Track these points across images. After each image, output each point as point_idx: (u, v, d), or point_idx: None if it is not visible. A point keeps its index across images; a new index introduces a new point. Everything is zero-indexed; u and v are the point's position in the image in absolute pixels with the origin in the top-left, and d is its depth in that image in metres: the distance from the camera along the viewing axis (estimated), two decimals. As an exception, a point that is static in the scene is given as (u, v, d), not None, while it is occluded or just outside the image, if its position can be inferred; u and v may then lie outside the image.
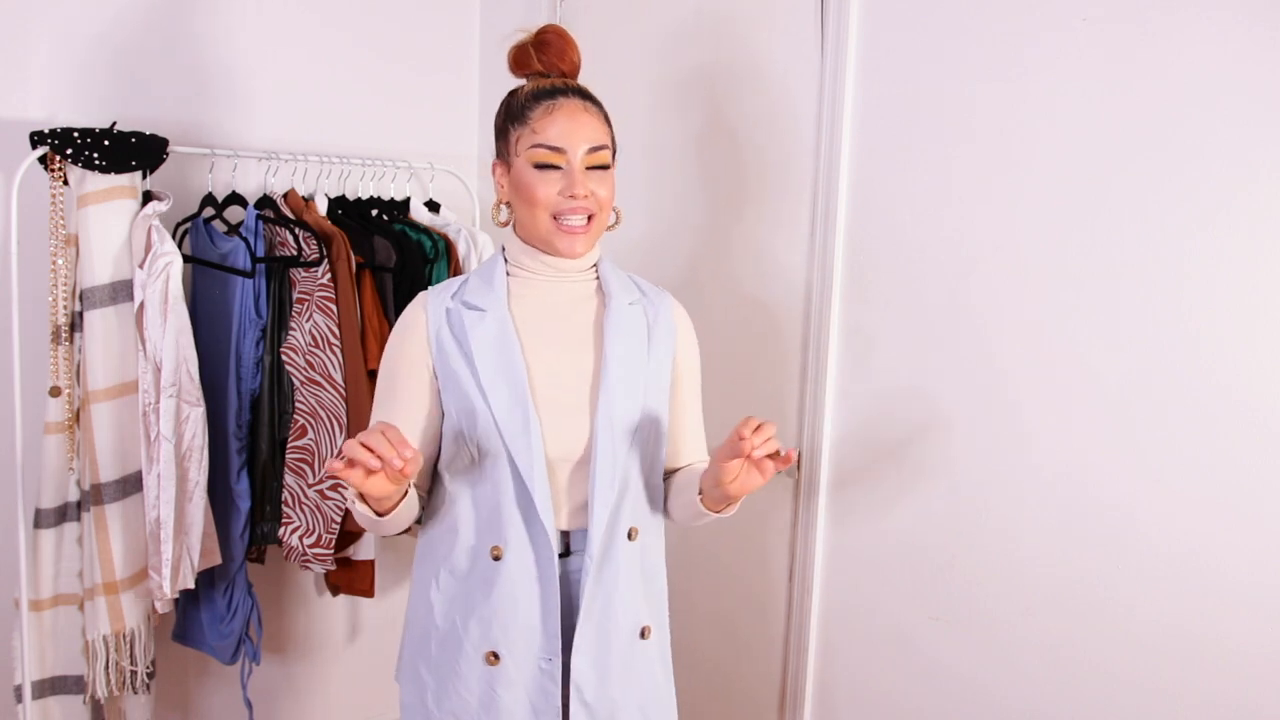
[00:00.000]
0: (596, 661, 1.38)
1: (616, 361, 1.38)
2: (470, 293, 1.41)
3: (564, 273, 1.42)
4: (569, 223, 1.35)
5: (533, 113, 1.36)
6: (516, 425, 1.33)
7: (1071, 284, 1.57)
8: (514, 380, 1.35)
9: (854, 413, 1.88)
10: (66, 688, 2.01)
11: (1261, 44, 1.37)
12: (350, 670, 2.66)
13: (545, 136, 1.34)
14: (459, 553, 1.40)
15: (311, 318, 2.11)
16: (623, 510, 1.39)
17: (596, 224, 1.38)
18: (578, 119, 1.35)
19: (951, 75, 1.70)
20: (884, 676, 1.87)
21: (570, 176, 1.34)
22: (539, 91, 1.37)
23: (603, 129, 1.38)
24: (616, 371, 1.37)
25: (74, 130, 1.84)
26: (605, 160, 1.37)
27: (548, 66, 1.41)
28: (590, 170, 1.35)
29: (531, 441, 1.33)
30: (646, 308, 1.45)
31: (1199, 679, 1.48)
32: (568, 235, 1.36)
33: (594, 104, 1.39)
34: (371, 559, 2.30)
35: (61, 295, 1.91)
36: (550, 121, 1.34)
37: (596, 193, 1.35)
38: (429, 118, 2.60)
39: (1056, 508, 1.61)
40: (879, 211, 1.82)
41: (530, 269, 1.42)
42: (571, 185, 1.33)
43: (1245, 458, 1.42)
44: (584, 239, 1.37)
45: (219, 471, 2.07)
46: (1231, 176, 1.41)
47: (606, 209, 1.38)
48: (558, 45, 1.41)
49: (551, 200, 1.34)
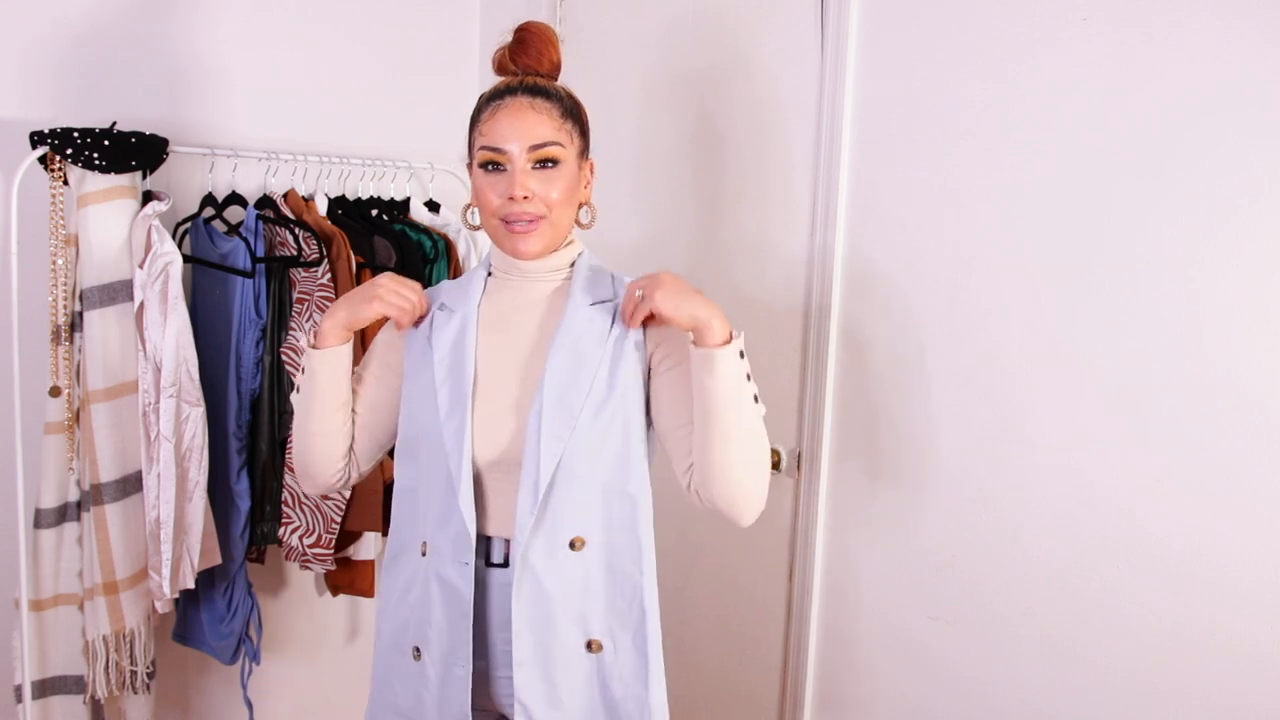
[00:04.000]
0: (544, 676, 1.33)
1: (556, 369, 1.33)
2: (446, 294, 1.44)
3: (532, 273, 1.41)
4: (515, 224, 1.33)
5: (483, 114, 1.35)
6: (452, 425, 1.34)
7: (1072, 283, 1.57)
8: (459, 380, 1.35)
9: (854, 413, 1.88)
10: (66, 688, 2.01)
11: (1268, 45, 1.37)
12: (350, 670, 2.66)
13: (489, 137, 1.33)
14: (399, 542, 1.43)
15: (311, 318, 2.11)
16: (562, 519, 1.33)
17: (548, 223, 1.34)
18: (521, 117, 1.32)
19: (952, 75, 1.70)
20: (884, 676, 1.87)
21: (511, 177, 1.32)
22: (492, 93, 1.36)
23: (552, 125, 1.33)
24: (556, 377, 1.33)
25: (74, 130, 1.84)
26: (552, 155, 1.32)
27: (524, 68, 1.38)
28: (537, 169, 1.32)
29: (462, 443, 1.33)
30: (617, 307, 1.39)
31: (1200, 677, 1.48)
32: (515, 235, 1.34)
33: (549, 99, 1.35)
34: (371, 559, 2.30)
35: (61, 295, 1.91)
36: (494, 122, 1.33)
37: (540, 192, 1.32)
38: (429, 118, 2.60)
39: (1057, 507, 1.61)
40: (879, 211, 1.82)
41: (504, 269, 1.42)
42: (510, 186, 1.32)
43: (1247, 457, 1.42)
44: (534, 238, 1.34)
45: (219, 471, 2.07)
46: (1233, 176, 1.41)
47: (557, 207, 1.34)
48: (535, 46, 1.38)
49: (496, 203, 1.33)
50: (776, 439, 2.00)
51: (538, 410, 1.32)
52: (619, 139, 2.27)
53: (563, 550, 1.34)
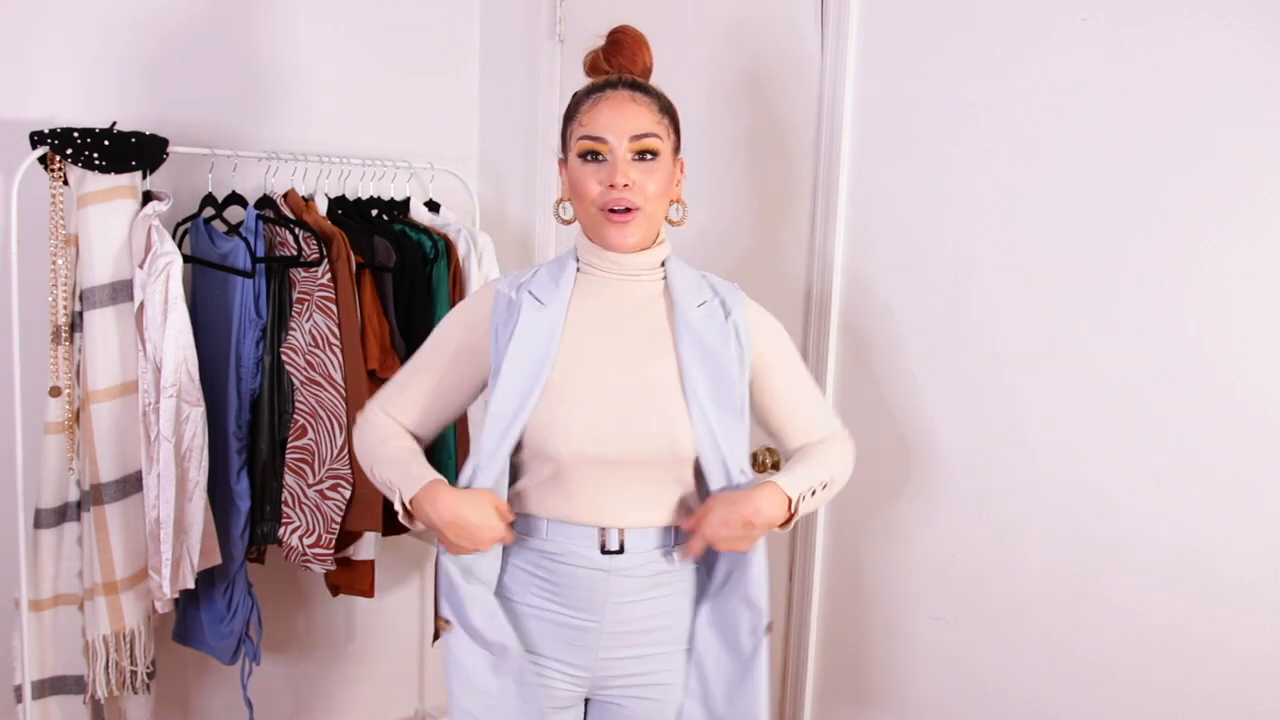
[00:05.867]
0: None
1: (691, 368, 1.38)
2: (537, 284, 1.44)
3: (627, 270, 1.42)
4: (615, 212, 1.36)
5: (582, 106, 1.39)
6: (506, 413, 1.37)
7: (1072, 283, 1.57)
8: (537, 376, 1.37)
9: (854, 413, 1.88)
10: (66, 688, 2.01)
11: (1268, 45, 1.37)
12: (350, 670, 2.66)
13: (589, 128, 1.36)
14: None
15: (311, 318, 2.11)
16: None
17: (643, 215, 1.37)
18: (622, 109, 1.36)
19: (952, 75, 1.70)
20: (884, 676, 1.87)
21: (613, 166, 1.35)
22: (591, 87, 1.41)
23: (652, 118, 1.37)
24: (692, 374, 1.38)
25: (74, 130, 1.84)
26: (653, 147, 1.36)
27: (618, 69, 1.42)
28: (636, 160, 1.36)
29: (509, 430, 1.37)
30: (722, 303, 1.45)
31: (1200, 677, 1.48)
32: (613, 225, 1.37)
33: (647, 95, 1.39)
34: (371, 559, 2.30)
35: (61, 295, 1.91)
36: (595, 113, 1.36)
37: (640, 182, 1.35)
38: (429, 118, 2.60)
39: (1056, 507, 1.61)
40: (879, 211, 1.82)
41: (596, 266, 1.43)
42: (613, 174, 1.35)
43: (1246, 458, 1.42)
44: (631, 229, 1.37)
45: (219, 471, 2.07)
46: (1232, 176, 1.41)
47: (655, 200, 1.38)
48: (629, 48, 1.42)
49: (596, 191, 1.37)
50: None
51: (699, 407, 1.36)
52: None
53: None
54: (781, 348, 1.50)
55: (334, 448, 2.10)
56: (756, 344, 1.45)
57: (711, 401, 1.37)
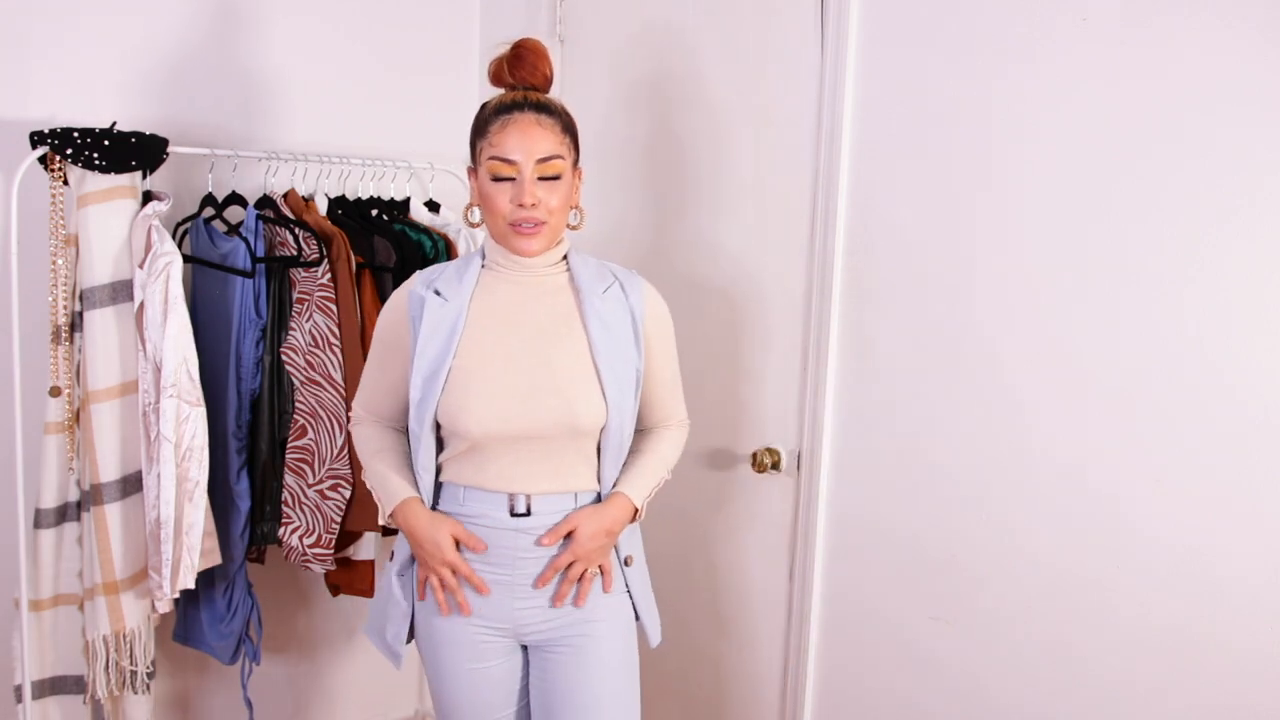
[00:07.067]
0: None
1: (600, 345, 1.55)
2: (443, 282, 1.59)
3: (530, 268, 1.58)
4: (522, 227, 1.51)
5: (492, 126, 1.51)
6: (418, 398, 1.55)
7: (1071, 283, 1.57)
8: (441, 363, 1.53)
9: (854, 412, 1.89)
10: (66, 688, 2.01)
11: (1268, 45, 1.37)
12: (350, 670, 2.66)
13: (499, 150, 1.49)
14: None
15: (311, 318, 2.11)
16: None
17: (548, 227, 1.53)
18: (529, 133, 1.49)
19: (952, 75, 1.70)
20: (884, 676, 1.87)
21: (521, 186, 1.49)
22: (499, 106, 1.52)
23: (555, 139, 1.51)
24: (603, 353, 1.55)
25: (74, 130, 1.84)
26: (556, 170, 1.51)
27: (519, 80, 1.55)
28: (541, 180, 1.50)
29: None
30: (621, 286, 1.60)
31: (1200, 677, 1.48)
32: (521, 236, 1.52)
33: (552, 116, 1.52)
34: (371, 559, 2.30)
35: (61, 295, 1.91)
36: (504, 136, 1.49)
37: (545, 200, 1.50)
38: (429, 118, 2.60)
39: (1057, 506, 1.61)
40: (879, 211, 1.82)
41: (501, 264, 1.59)
42: (521, 194, 1.49)
43: (1247, 458, 1.42)
44: (538, 239, 1.53)
45: (219, 471, 2.07)
46: (1232, 176, 1.41)
47: (557, 213, 1.53)
48: (529, 60, 1.54)
49: (506, 208, 1.51)
50: (776, 439, 2.01)
51: (611, 383, 1.54)
52: (621, 139, 2.27)
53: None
54: (664, 335, 1.65)
55: (334, 448, 2.10)
56: (647, 326, 1.61)
57: (614, 379, 1.55)
